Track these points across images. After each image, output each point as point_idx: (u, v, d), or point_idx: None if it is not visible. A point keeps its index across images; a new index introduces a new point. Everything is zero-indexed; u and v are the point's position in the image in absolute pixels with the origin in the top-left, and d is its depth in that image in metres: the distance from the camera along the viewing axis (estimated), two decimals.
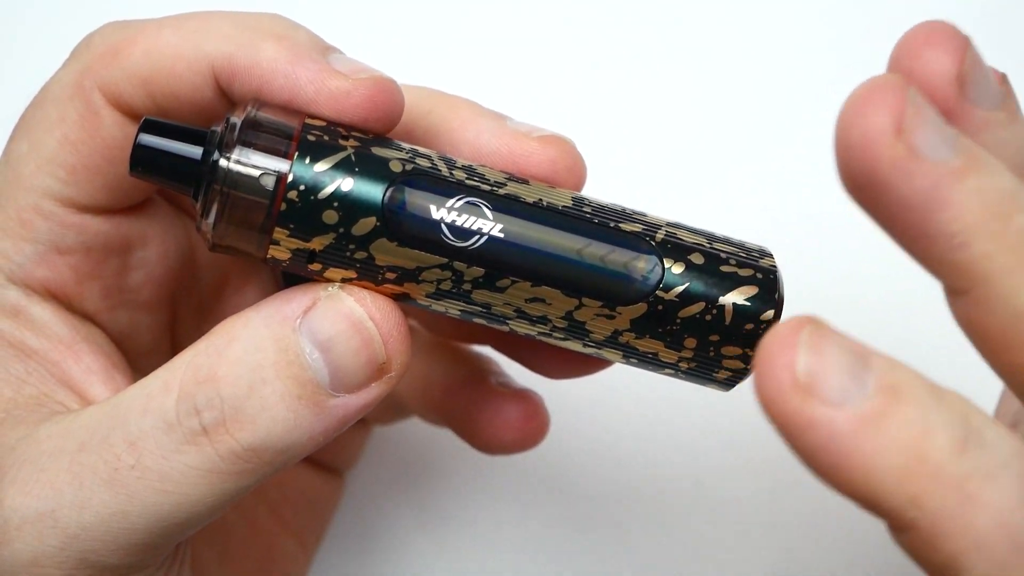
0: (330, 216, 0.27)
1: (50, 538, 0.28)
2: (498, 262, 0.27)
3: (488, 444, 0.36)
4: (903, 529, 0.22)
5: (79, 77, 0.30)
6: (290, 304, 0.28)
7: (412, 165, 0.28)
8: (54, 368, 0.31)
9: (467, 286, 0.27)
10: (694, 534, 0.43)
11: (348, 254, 0.27)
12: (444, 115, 0.31)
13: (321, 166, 0.27)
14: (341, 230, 0.27)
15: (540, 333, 0.28)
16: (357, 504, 0.44)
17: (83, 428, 0.28)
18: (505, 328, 0.28)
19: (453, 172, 0.28)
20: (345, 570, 0.44)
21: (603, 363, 0.33)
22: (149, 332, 0.34)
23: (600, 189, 0.32)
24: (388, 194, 0.27)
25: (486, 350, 0.38)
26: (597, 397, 0.43)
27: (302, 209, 0.27)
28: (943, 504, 0.22)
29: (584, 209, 0.28)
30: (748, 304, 0.28)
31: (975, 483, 0.22)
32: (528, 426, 0.36)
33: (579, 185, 0.31)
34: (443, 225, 0.27)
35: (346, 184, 0.27)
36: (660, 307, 0.28)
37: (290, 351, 0.27)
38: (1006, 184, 0.23)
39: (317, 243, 0.27)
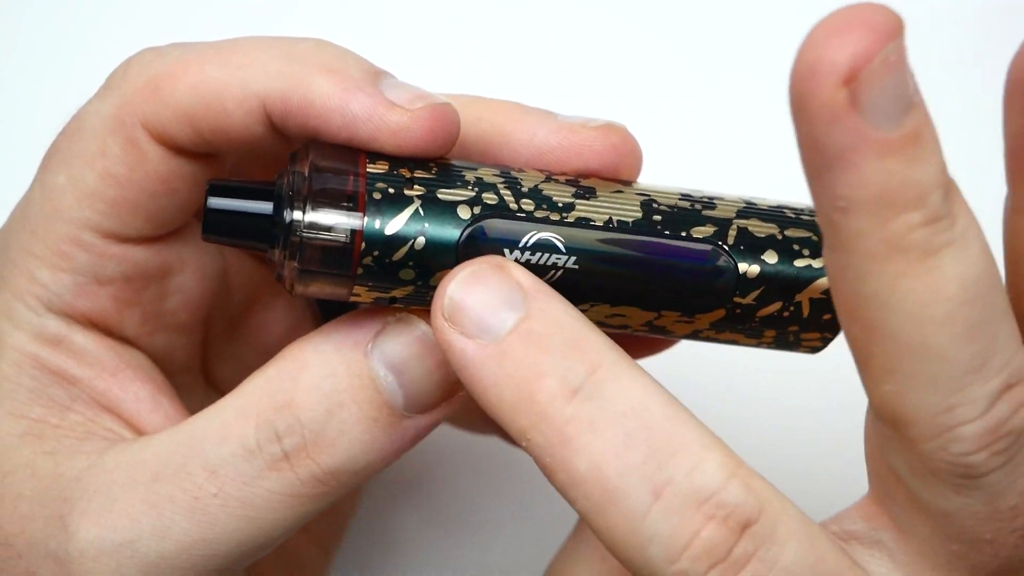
0: (407, 274, 0.27)
1: (129, 569, 0.28)
2: (575, 293, 0.28)
3: None
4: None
5: (119, 111, 0.30)
6: (360, 330, 0.28)
7: (479, 206, 0.28)
8: (100, 396, 0.31)
9: None
10: None
11: (428, 298, 0.28)
12: (494, 120, 0.30)
13: (392, 227, 0.27)
14: (419, 283, 0.28)
15: (620, 336, 0.28)
16: (363, 505, 0.44)
17: (155, 458, 0.28)
18: None
19: (520, 204, 0.28)
20: (350, 569, 0.44)
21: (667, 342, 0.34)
22: (184, 352, 0.34)
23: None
24: (460, 245, 0.27)
25: None
26: None
27: (379, 271, 0.27)
28: (545, 441, 0.25)
29: (654, 218, 0.28)
30: (824, 297, 0.28)
31: (575, 427, 0.25)
32: None
33: (639, 168, 0.31)
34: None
35: (419, 243, 0.27)
36: (738, 311, 0.28)
37: (364, 376, 0.28)
38: (922, 178, 0.22)
39: (398, 292, 0.28)
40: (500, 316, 0.26)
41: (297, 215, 0.27)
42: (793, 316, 0.28)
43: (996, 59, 0.26)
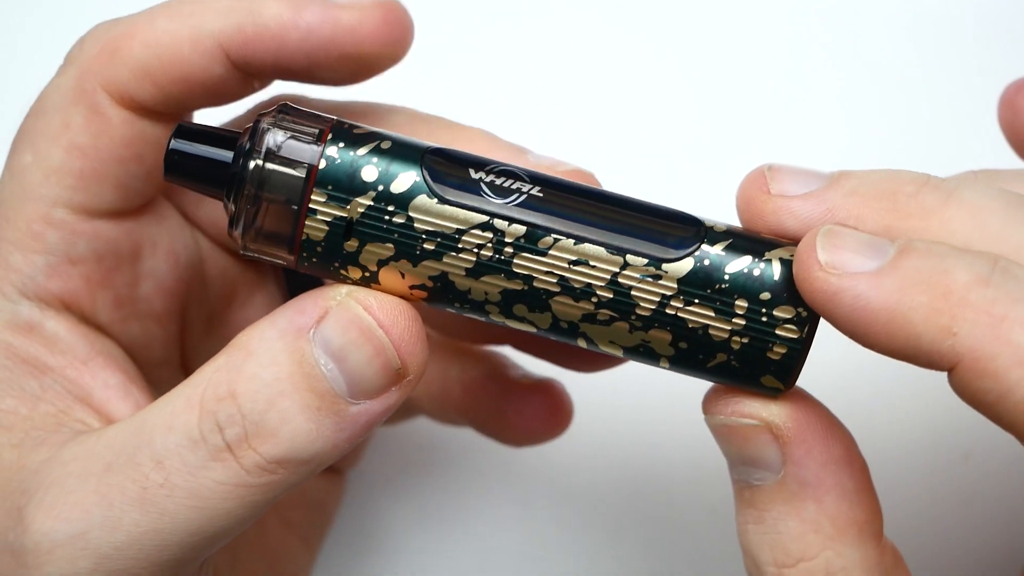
0: (369, 172, 0.27)
1: (82, 561, 0.28)
2: (539, 218, 0.27)
3: (516, 437, 0.37)
4: (949, 366, 0.25)
5: (79, 81, 0.30)
6: (303, 315, 0.28)
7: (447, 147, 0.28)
8: (71, 385, 0.31)
9: (509, 250, 0.27)
10: (695, 534, 0.44)
11: (387, 220, 0.27)
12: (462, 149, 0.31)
13: (358, 142, 0.27)
14: (380, 187, 0.27)
15: (584, 317, 0.27)
16: (358, 503, 0.44)
17: (108, 448, 0.28)
18: (546, 319, 0.28)
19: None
20: (346, 569, 0.44)
21: None
22: (160, 343, 0.34)
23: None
24: (427, 155, 0.27)
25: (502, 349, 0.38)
26: (598, 398, 0.43)
27: (340, 165, 0.27)
28: (975, 326, 0.24)
29: (627, 196, 0.28)
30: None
31: (1003, 306, 0.24)
32: (555, 415, 0.37)
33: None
34: (483, 184, 0.27)
35: (384, 143, 0.27)
36: (707, 261, 0.27)
37: (305, 363, 0.27)
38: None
39: (355, 207, 0.27)
40: (877, 249, 0.26)
41: (256, 163, 0.27)
42: (764, 275, 0.27)
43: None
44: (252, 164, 0.27)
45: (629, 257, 0.27)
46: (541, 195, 0.27)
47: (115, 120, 0.30)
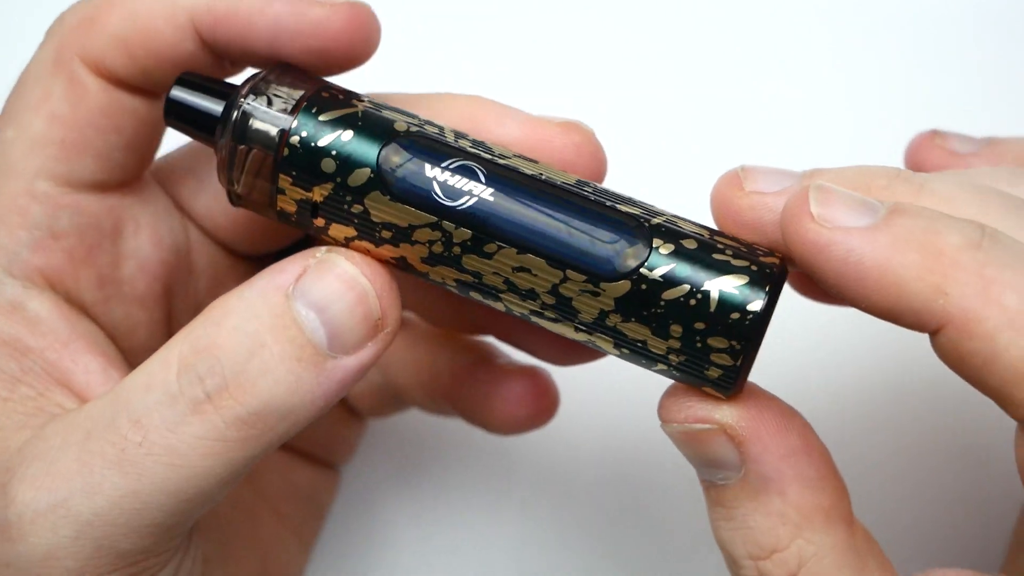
0: (328, 164, 0.28)
1: (63, 528, 0.28)
2: (485, 225, 0.27)
3: (502, 424, 0.37)
4: (937, 327, 0.25)
5: (58, 52, 0.31)
6: (282, 274, 0.28)
7: (418, 128, 0.28)
8: (51, 367, 0.31)
9: (456, 249, 0.28)
10: (694, 531, 0.43)
11: (346, 207, 0.28)
12: (463, 109, 0.31)
13: (325, 116, 0.28)
14: (338, 179, 0.28)
15: (532, 312, 0.28)
16: (353, 499, 0.44)
17: (88, 418, 0.29)
18: (500, 307, 0.28)
19: (459, 141, 0.28)
20: (341, 565, 0.44)
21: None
22: (144, 329, 0.34)
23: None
24: (384, 149, 0.28)
25: (488, 340, 0.39)
26: (594, 393, 0.43)
27: (302, 155, 0.28)
28: (967, 287, 0.24)
29: (585, 189, 0.28)
30: (735, 292, 0.26)
31: (994, 269, 0.24)
32: (540, 401, 0.37)
33: (603, 172, 0.31)
34: (435, 183, 0.28)
35: (346, 135, 0.28)
36: (644, 286, 0.27)
37: (286, 315, 0.28)
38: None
39: (318, 193, 0.28)
40: (868, 206, 0.26)
41: (236, 115, 0.29)
42: (699, 307, 0.26)
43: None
44: (228, 128, 0.29)
45: (569, 272, 0.27)
46: (492, 199, 0.27)
47: (92, 88, 0.31)
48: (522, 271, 0.27)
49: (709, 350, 0.27)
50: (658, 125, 0.48)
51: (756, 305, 0.26)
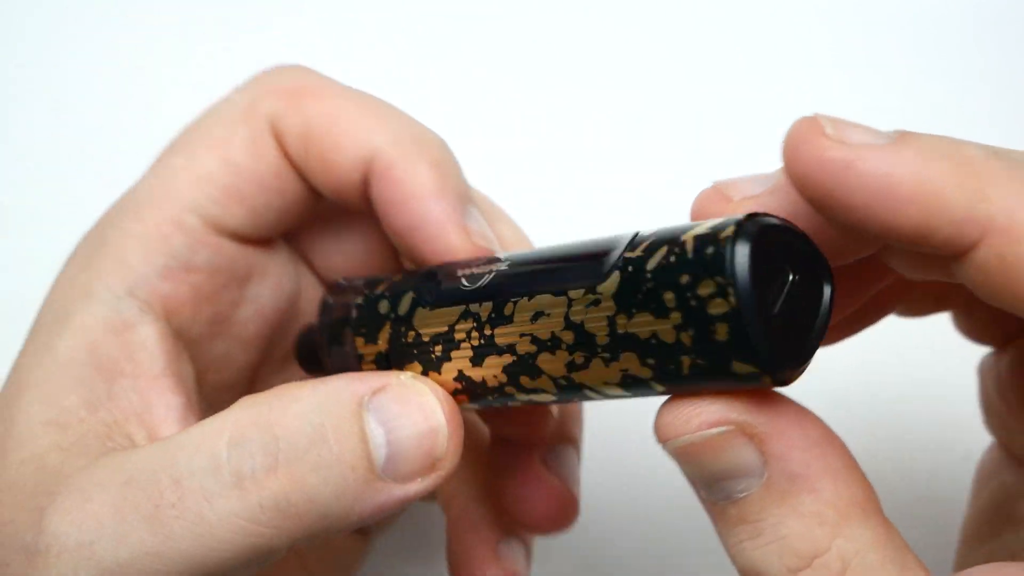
0: (383, 306, 0.31)
1: (83, 570, 0.27)
2: (500, 289, 0.28)
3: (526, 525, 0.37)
4: (976, 238, 0.23)
5: (251, 104, 0.31)
6: (361, 383, 0.28)
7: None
8: (136, 398, 0.31)
9: (487, 330, 0.28)
10: (694, 534, 0.43)
11: (403, 340, 0.29)
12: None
13: (377, 294, 0.32)
14: (393, 316, 0.30)
15: (568, 365, 0.27)
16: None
17: (134, 463, 0.28)
18: (547, 380, 0.28)
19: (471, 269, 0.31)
20: None
21: None
22: (236, 367, 0.34)
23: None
24: (419, 277, 0.31)
25: None
26: (598, 410, 0.43)
27: (365, 309, 0.31)
28: (1007, 189, 0.23)
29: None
30: (707, 231, 0.25)
31: (1022, 171, 0.23)
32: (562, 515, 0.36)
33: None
34: (463, 278, 0.30)
35: (386, 290, 0.31)
36: (630, 268, 0.26)
37: (356, 422, 0.28)
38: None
39: (383, 340, 0.30)
40: (878, 131, 0.24)
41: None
42: (680, 260, 0.25)
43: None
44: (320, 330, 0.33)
45: (571, 292, 0.27)
46: (507, 268, 0.29)
47: (270, 153, 0.31)
48: (539, 317, 0.27)
49: (703, 303, 0.24)
50: (658, 125, 0.48)
51: (730, 229, 0.24)
